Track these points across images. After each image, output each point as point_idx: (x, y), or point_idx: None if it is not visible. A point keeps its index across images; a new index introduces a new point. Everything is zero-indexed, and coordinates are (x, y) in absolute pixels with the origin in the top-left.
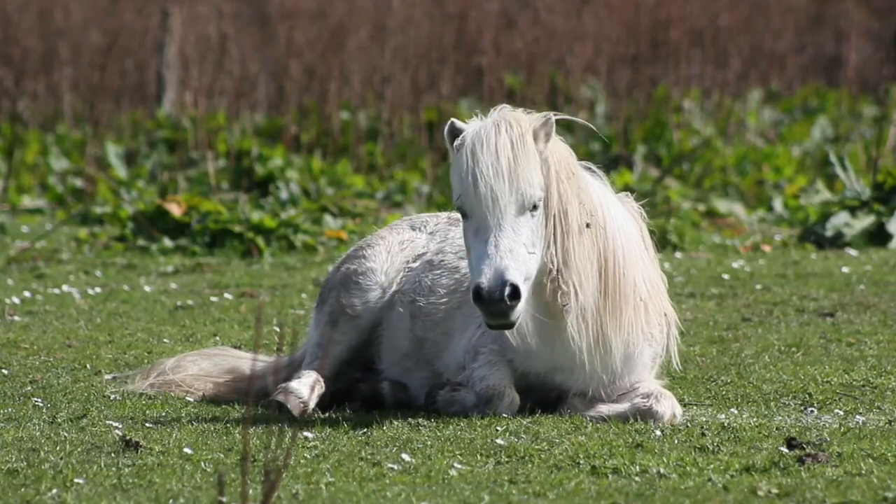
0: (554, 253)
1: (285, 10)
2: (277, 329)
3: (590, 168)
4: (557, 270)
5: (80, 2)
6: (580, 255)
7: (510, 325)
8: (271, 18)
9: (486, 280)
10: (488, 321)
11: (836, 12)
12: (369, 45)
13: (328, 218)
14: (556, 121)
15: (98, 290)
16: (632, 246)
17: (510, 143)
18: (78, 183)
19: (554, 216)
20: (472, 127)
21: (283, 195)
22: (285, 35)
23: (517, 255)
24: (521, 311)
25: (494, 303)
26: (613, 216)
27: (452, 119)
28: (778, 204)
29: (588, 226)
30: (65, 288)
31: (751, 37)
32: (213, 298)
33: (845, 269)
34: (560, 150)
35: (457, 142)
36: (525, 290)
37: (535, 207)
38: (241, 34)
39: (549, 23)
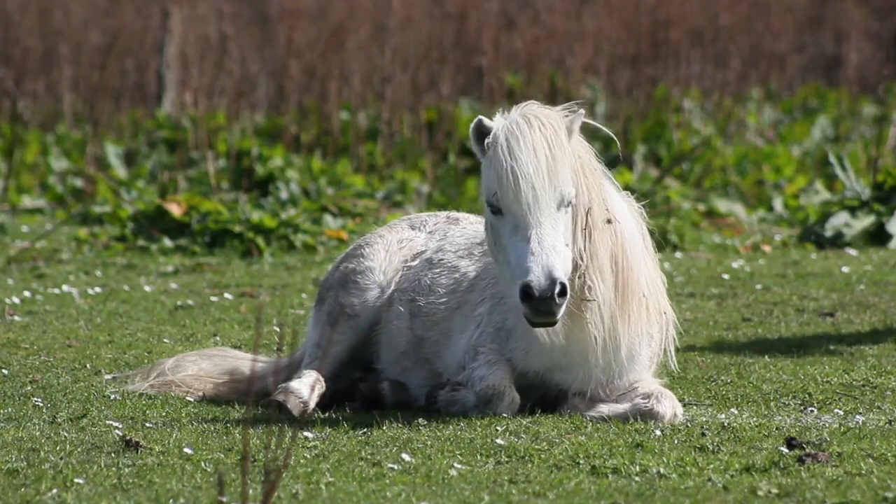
0: (582, 248)
1: (285, 10)
2: (277, 329)
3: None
4: (586, 265)
5: (80, 2)
6: (602, 250)
7: (554, 323)
8: (271, 18)
9: (535, 278)
10: (533, 319)
11: (836, 12)
12: (369, 45)
13: (328, 218)
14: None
15: (98, 290)
16: (637, 243)
17: (545, 140)
18: (78, 183)
19: (581, 211)
20: (500, 124)
21: (283, 195)
22: (285, 35)
23: (559, 252)
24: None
25: (545, 301)
26: (621, 213)
27: (480, 117)
28: (778, 204)
29: (609, 221)
30: (65, 288)
31: (751, 37)
32: (213, 298)
33: (845, 269)
34: (582, 145)
35: (488, 139)
36: (569, 287)
37: (569, 204)
38: (241, 34)
39: (548, 23)
